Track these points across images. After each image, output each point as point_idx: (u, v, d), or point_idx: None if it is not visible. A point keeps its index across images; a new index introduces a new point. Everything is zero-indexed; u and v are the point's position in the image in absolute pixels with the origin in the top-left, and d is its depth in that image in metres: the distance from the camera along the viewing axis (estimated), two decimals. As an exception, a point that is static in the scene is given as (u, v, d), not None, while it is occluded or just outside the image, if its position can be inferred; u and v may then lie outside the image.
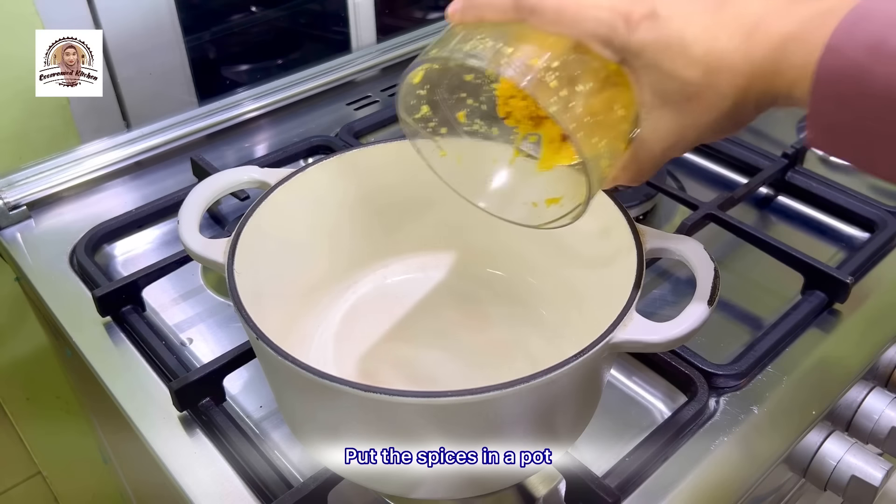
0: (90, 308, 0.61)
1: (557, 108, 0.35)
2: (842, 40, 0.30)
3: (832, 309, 0.62)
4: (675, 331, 0.40)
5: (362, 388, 0.37)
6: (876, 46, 0.29)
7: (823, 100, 0.31)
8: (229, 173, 0.52)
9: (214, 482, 0.49)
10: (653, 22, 0.33)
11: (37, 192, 0.73)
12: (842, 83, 0.30)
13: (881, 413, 0.57)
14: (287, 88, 0.88)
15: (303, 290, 0.55)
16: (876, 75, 0.29)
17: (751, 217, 0.73)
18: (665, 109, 0.36)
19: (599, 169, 0.39)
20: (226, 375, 0.54)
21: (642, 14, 0.34)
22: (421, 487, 0.44)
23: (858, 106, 0.30)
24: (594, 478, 0.46)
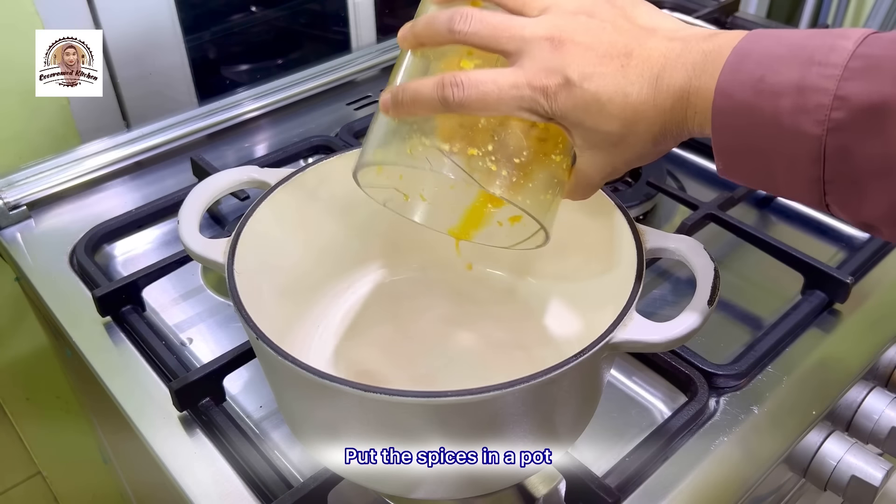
0: (90, 308, 0.61)
1: (502, 190, 0.39)
2: (728, 83, 0.34)
3: (832, 309, 0.62)
4: (675, 331, 0.40)
5: (362, 388, 0.37)
6: (756, 85, 0.33)
7: (722, 136, 0.35)
8: (229, 173, 0.52)
9: (214, 482, 0.49)
10: (568, 90, 0.37)
11: (37, 192, 0.73)
12: (735, 121, 0.34)
13: (881, 413, 0.57)
14: (287, 88, 0.88)
15: (303, 290, 0.55)
16: (762, 110, 0.33)
17: (751, 217, 0.73)
18: (595, 151, 0.39)
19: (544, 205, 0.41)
20: (226, 375, 0.54)
21: (557, 84, 0.37)
22: (421, 487, 0.44)
23: (752, 139, 0.34)
24: (594, 478, 0.46)
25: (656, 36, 0.37)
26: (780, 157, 0.34)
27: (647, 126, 0.37)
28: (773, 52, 0.34)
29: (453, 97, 0.37)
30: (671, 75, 0.36)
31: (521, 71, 0.37)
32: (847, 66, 0.31)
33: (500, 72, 0.38)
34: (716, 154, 0.36)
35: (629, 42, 0.37)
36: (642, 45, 0.37)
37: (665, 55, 0.36)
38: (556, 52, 0.37)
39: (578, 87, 0.36)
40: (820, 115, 0.31)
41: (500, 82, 0.37)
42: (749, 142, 0.34)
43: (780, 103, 0.33)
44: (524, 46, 0.37)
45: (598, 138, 0.38)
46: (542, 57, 0.37)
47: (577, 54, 0.37)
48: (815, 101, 0.32)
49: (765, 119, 0.33)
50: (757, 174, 0.36)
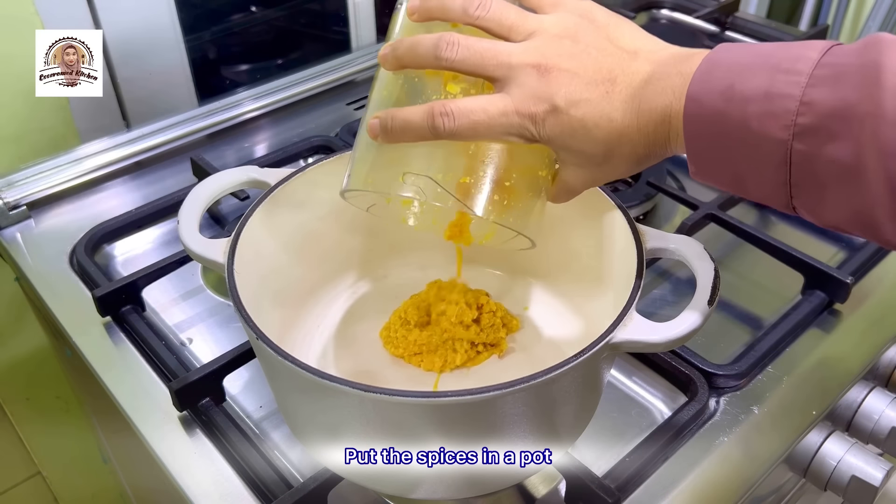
0: (90, 308, 0.61)
1: (494, 215, 0.41)
2: (698, 90, 0.35)
3: (832, 309, 0.62)
4: (675, 331, 0.40)
5: (362, 388, 0.37)
6: (725, 92, 0.34)
7: (694, 141, 0.36)
8: (229, 173, 0.52)
9: (214, 482, 0.49)
10: (556, 116, 0.38)
11: (37, 192, 0.73)
12: (706, 127, 0.36)
13: (881, 413, 0.57)
14: (287, 88, 0.88)
15: (303, 290, 0.55)
16: (731, 116, 0.34)
17: (751, 217, 0.73)
18: (580, 168, 0.41)
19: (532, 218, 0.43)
20: (226, 375, 0.54)
21: (545, 111, 0.38)
22: (421, 487, 0.44)
23: (722, 143, 0.35)
24: (594, 478, 0.46)
25: (638, 59, 0.38)
26: (748, 161, 0.35)
27: (631, 148, 0.38)
28: (741, 62, 0.35)
29: (444, 127, 0.38)
30: (652, 99, 0.37)
31: (509, 98, 0.38)
32: (812, 73, 0.33)
33: (488, 100, 0.38)
34: (688, 158, 0.37)
35: (613, 67, 0.38)
36: (625, 71, 0.38)
37: (647, 80, 0.38)
38: (543, 79, 0.38)
39: (565, 113, 0.38)
40: (787, 120, 0.33)
41: (490, 111, 0.38)
42: (719, 146, 0.35)
43: (749, 109, 0.34)
44: (511, 73, 0.38)
45: (584, 159, 0.40)
46: (529, 84, 0.38)
47: (563, 81, 0.38)
48: (782, 106, 0.33)
49: (734, 124, 0.34)
50: (727, 178, 0.37)
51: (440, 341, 0.51)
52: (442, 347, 0.51)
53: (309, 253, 0.54)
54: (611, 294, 0.47)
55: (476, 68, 0.39)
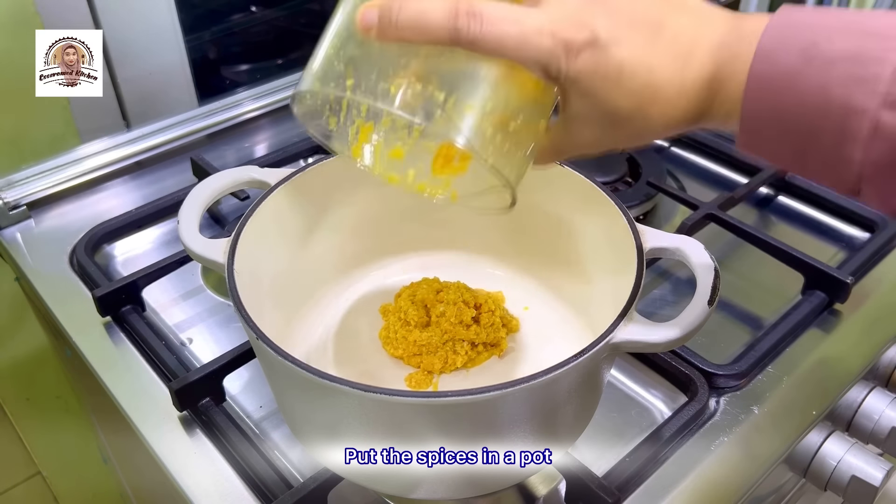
0: (90, 308, 0.61)
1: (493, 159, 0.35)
2: (773, 45, 0.31)
3: (832, 309, 0.62)
4: (675, 331, 0.40)
5: (362, 388, 0.37)
6: (807, 50, 0.30)
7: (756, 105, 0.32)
8: (229, 173, 0.52)
9: (214, 482, 0.49)
10: (593, 50, 0.32)
11: (37, 192, 0.73)
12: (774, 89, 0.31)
13: (881, 413, 0.57)
14: (287, 88, 0.88)
15: (303, 289, 0.55)
16: (809, 78, 0.30)
17: (751, 217, 0.73)
18: (587, 125, 0.35)
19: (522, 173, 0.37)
20: (226, 375, 0.54)
21: (584, 41, 0.32)
22: (421, 487, 0.44)
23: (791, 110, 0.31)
24: (594, 478, 0.46)
25: (687, 13, 0.34)
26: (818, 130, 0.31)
27: (662, 109, 0.33)
28: (824, 22, 0.31)
29: (468, 30, 0.32)
30: (702, 58, 0.32)
31: (546, 16, 0.32)
32: None
33: (524, 12, 0.33)
34: (742, 124, 0.33)
35: (661, 12, 0.33)
36: (674, 20, 0.33)
37: (696, 34, 0.33)
38: (588, 4, 0.32)
39: (604, 49, 0.32)
40: (876, 87, 0.29)
41: (525, 25, 0.32)
42: (786, 112, 0.31)
43: (832, 71, 0.29)
44: None
45: (600, 114, 0.34)
46: (571, 5, 0.32)
47: (608, 11, 0.32)
48: (872, 72, 0.29)
49: (810, 88, 0.30)
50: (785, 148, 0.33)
51: (440, 342, 0.51)
52: (442, 348, 0.51)
53: (309, 253, 0.54)
54: (611, 294, 0.47)
55: None
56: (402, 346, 0.51)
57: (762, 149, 0.33)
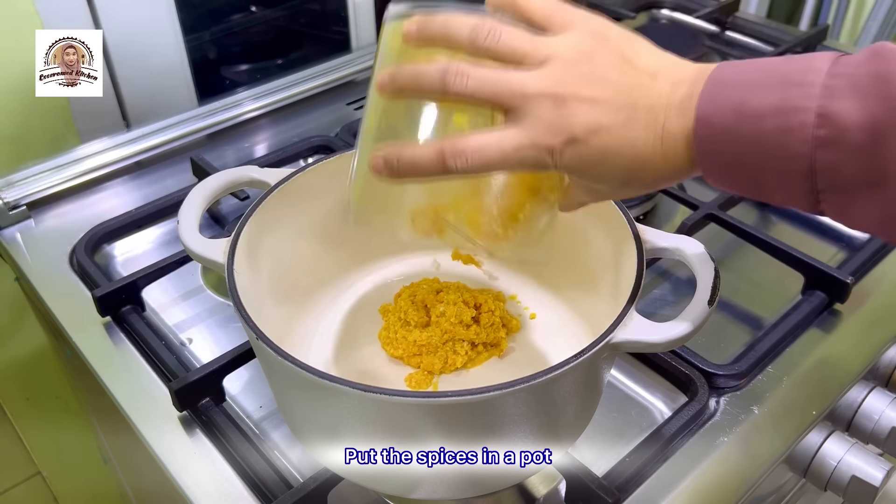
0: (90, 308, 0.61)
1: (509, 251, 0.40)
2: (708, 110, 0.34)
3: (832, 309, 0.62)
4: (675, 331, 0.40)
5: (362, 388, 0.37)
6: (738, 109, 0.33)
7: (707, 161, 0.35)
8: (229, 173, 0.52)
9: (214, 482, 0.49)
10: (574, 147, 0.36)
11: (37, 192, 0.73)
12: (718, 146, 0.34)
13: (881, 413, 0.57)
14: (287, 88, 0.88)
15: (303, 290, 0.55)
16: (745, 134, 0.33)
17: (751, 217, 0.73)
18: (595, 191, 0.39)
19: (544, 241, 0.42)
20: (226, 375, 0.54)
21: (563, 142, 0.35)
22: (421, 487, 0.44)
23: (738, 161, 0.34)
24: (594, 478, 0.46)
25: (658, 80, 0.36)
26: (768, 174, 0.34)
27: (653, 173, 0.37)
28: (748, 78, 0.34)
29: (456, 166, 0.36)
30: (675, 122, 0.35)
31: (524, 132, 0.36)
32: (825, 84, 0.32)
33: (503, 135, 0.36)
34: (705, 177, 0.36)
35: (633, 90, 0.36)
36: (646, 94, 0.36)
37: (668, 102, 0.36)
38: (560, 109, 0.35)
39: (584, 143, 0.35)
40: (805, 135, 0.32)
41: (504, 147, 0.36)
42: (736, 164, 0.34)
43: (763, 125, 0.33)
44: (526, 104, 0.36)
45: (601, 185, 0.38)
46: (545, 115, 0.36)
47: (581, 110, 0.35)
48: (798, 120, 0.32)
49: (749, 141, 0.33)
50: (749, 191, 0.36)
51: (440, 342, 0.51)
52: (442, 349, 0.51)
53: (309, 253, 0.54)
54: (611, 294, 0.47)
55: (488, 98, 0.36)
56: (402, 346, 0.51)
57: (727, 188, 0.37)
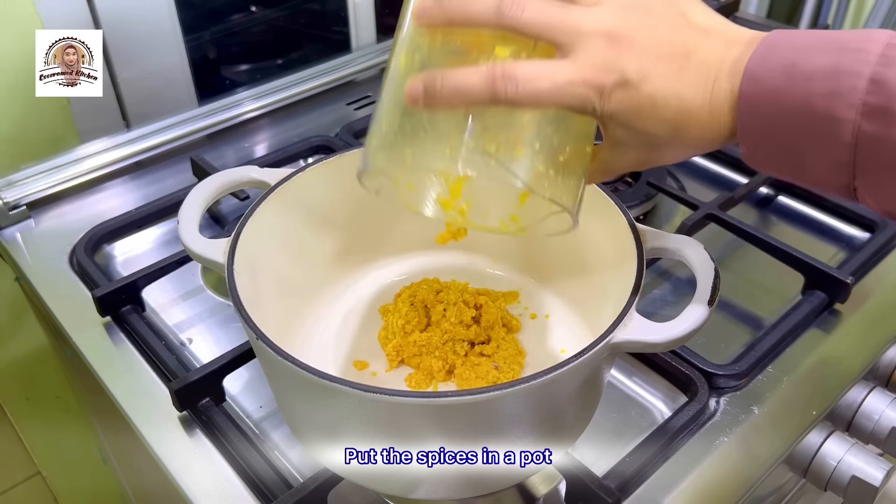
0: (90, 308, 0.61)
1: (550, 192, 0.37)
2: (757, 68, 0.34)
3: (832, 309, 0.62)
4: (675, 331, 0.40)
5: (362, 388, 0.37)
6: (788, 69, 0.33)
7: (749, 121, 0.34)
8: (229, 173, 0.52)
9: (214, 482, 0.49)
10: (624, 90, 0.35)
11: (37, 192, 0.73)
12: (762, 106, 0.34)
13: (881, 413, 0.57)
14: (287, 88, 0.88)
15: (303, 290, 0.55)
16: (792, 94, 0.33)
17: (751, 217, 0.73)
18: (631, 149, 0.38)
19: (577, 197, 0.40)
20: (226, 375, 0.54)
21: (614, 83, 0.35)
22: (421, 487, 0.44)
23: (781, 123, 0.33)
24: (594, 478, 0.46)
25: (711, 37, 0.36)
26: (808, 141, 0.33)
27: (698, 131, 0.36)
28: (804, 42, 0.33)
29: (506, 93, 0.35)
30: (726, 80, 0.35)
31: (575, 66, 0.35)
32: (883, 53, 0.31)
33: (554, 66, 0.35)
34: (740, 139, 0.35)
35: (686, 42, 0.35)
36: (699, 48, 0.35)
37: (721, 59, 0.35)
38: (614, 48, 0.35)
39: (635, 87, 0.35)
40: (854, 99, 0.31)
41: (556, 79, 0.35)
42: (777, 127, 0.34)
43: (812, 87, 0.32)
44: (579, 40, 0.35)
45: (642, 139, 0.37)
46: (598, 53, 0.35)
47: (634, 52, 0.35)
48: (849, 84, 0.31)
49: (794, 103, 0.32)
50: (783, 160, 0.35)
51: (440, 342, 0.51)
52: (442, 349, 0.51)
53: (309, 253, 0.54)
54: (611, 294, 0.47)
55: (542, 31, 0.35)
56: (402, 347, 0.51)
57: (763, 162, 0.36)
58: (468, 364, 0.50)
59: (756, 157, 0.36)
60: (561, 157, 0.38)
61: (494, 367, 0.50)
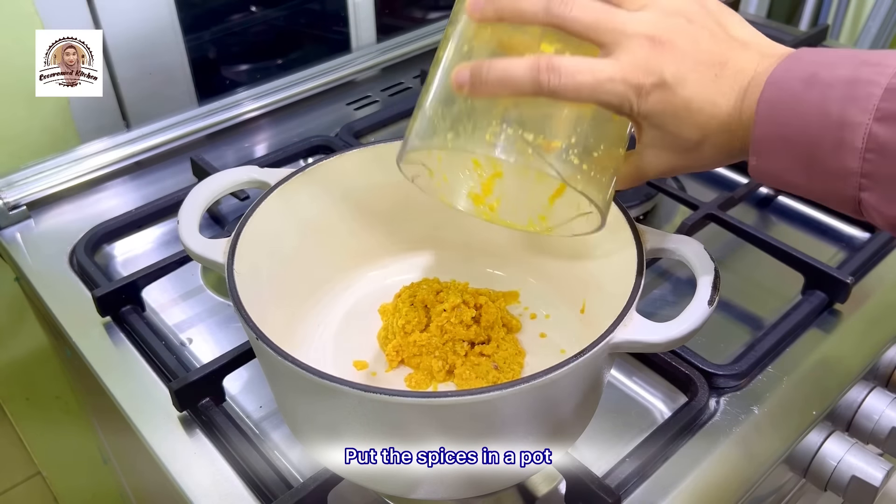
0: (90, 308, 0.61)
1: (582, 185, 0.38)
2: (780, 76, 0.35)
3: (832, 309, 0.62)
4: (675, 331, 0.40)
5: (362, 388, 0.37)
6: (809, 79, 0.34)
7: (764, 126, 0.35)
8: (229, 173, 0.52)
9: (214, 482, 0.49)
10: (662, 91, 0.37)
11: (37, 192, 0.73)
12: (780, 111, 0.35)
13: (881, 413, 0.57)
14: (287, 88, 0.88)
15: (303, 290, 0.55)
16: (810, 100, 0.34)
17: (751, 217, 0.73)
18: (663, 151, 0.39)
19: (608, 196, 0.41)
20: (226, 375, 0.54)
21: (653, 84, 0.36)
22: (421, 487, 0.44)
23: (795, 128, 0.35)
24: (594, 478, 0.46)
25: (748, 49, 0.37)
26: (819, 147, 0.34)
27: (728, 138, 0.37)
28: (827, 57, 0.35)
29: (549, 83, 0.36)
30: (758, 90, 0.36)
31: (618, 65, 0.36)
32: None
33: (596, 62, 0.37)
34: (753, 146, 0.36)
35: (724, 52, 0.37)
36: (736, 58, 0.37)
37: (756, 70, 0.36)
38: (655, 51, 0.36)
39: (672, 90, 0.36)
40: (868, 105, 0.32)
41: (598, 75, 0.36)
42: (790, 133, 0.35)
43: (829, 93, 0.33)
44: (622, 40, 0.37)
45: (673, 142, 0.38)
46: (639, 54, 0.36)
47: (674, 57, 0.36)
48: (865, 91, 0.33)
49: (811, 109, 0.34)
50: (791, 168, 0.36)
51: (440, 342, 0.51)
52: (442, 349, 0.51)
53: (309, 253, 0.54)
54: (611, 294, 0.47)
55: (588, 30, 0.37)
56: (402, 347, 0.51)
57: (770, 172, 0.37)
58: (468, 364, 0.50)
59: (764, 166, 0.37)
60: (595, 153, 0.39)
61: (494, 367, 0.50)
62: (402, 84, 0.93)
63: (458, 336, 0.51)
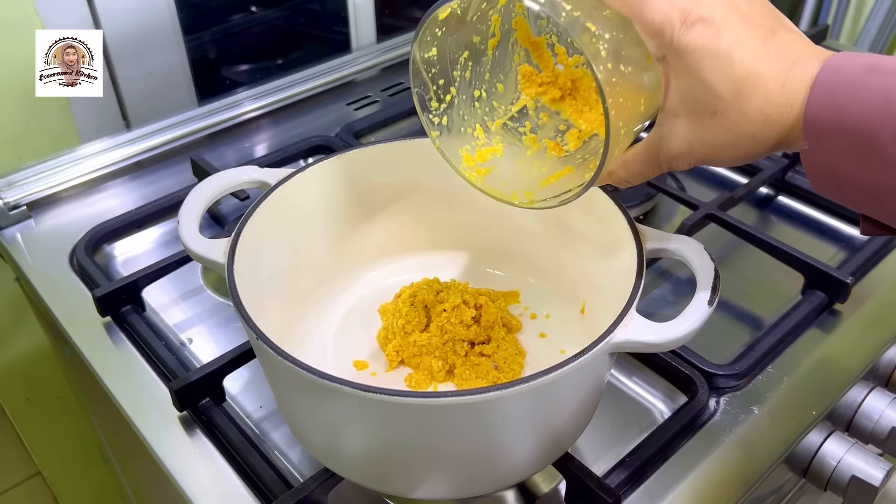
0: (90, 308, 0.61)
1: (603, 77, 0.36)
2: (839, 62, 0.34)
3: (832, 309, 0.62)
4: (675, 331, 0.40)
5: (362, 388, 0.37)
6: (871, 67, 0.33)
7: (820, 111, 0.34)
8: (229, 173, 0.52)
9: (214, 482, 0.49)
10: (706, 27, 0.35)
11: (37, 192, 0.73)
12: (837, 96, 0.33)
13: (881, 413, 0.57)
14: (287, 88, 0.88)
15: (303, 290, 0.55)
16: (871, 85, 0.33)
17: (751, 217, 0.73)
18: (685, 119, 0.37)
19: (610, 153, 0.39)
20: (226, 375, 0.54)
21: (699, 16, 0.35)
22: (421, 487, 0.44)
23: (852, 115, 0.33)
24: (594, 478, 0.46)
25: (799, 36, 0.37)
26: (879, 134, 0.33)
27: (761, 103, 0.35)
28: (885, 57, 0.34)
29: None
30: (809, 65, 0.35)
31: None
32: None
33: None
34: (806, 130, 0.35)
35: (776, 25, 0.36)
36: (786, 34, 0.36)
37: (805, 50, 0.36)
38: None
39: (717, 29, 0.35)
40: None
41: None
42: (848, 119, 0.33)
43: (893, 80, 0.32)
44: None
45: (702, 98, 0.36)
46: None
47: (727, 5, 0.35)
48: None
49: (873, 95, 0.32)
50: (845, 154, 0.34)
51: (440, 342, 0.51)
52: (442, 349, 0.51)
53: (309, 253, 0.54)
54: (611, 294, 0.47)
55: None
56: (402, 347, 0.51)
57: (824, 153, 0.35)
58: (468, 364, 0.50)
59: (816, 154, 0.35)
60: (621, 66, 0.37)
61: (494, 367, 0.50)
62: (402, 84, 0.93)
63: (458, 336, 0.51)
